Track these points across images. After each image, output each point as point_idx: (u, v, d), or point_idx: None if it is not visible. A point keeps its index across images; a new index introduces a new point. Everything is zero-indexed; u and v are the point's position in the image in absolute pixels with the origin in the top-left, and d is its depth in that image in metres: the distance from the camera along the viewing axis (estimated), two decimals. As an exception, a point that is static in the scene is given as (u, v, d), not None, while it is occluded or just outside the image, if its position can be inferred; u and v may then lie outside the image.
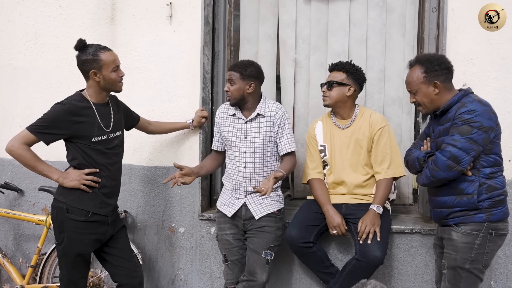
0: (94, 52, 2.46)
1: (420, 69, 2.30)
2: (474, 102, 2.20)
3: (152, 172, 3.26)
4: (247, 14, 3.35)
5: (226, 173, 2.86)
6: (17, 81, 3.51)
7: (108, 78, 2.48)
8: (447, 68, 2.30)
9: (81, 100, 2.48)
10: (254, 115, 2.73)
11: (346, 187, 2.81)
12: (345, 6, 3.18)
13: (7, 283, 3.57)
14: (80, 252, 2.50)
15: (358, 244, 2.59)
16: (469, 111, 2.16)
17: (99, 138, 2.47)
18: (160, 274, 3.29)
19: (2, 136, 3.55)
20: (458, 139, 2.15)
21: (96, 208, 2.50)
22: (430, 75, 2.28)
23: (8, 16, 3.51)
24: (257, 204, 2.72)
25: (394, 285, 2.92)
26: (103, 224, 2.54)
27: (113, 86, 2.53)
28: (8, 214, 3.28)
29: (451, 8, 2.83)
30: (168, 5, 3.17)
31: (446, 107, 2.27)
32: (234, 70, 2.70)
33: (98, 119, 2.49)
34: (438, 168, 2.20)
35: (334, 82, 2.76)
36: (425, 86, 2.30)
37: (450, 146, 2.17)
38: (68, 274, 2.52)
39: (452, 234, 2.29)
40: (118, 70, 2.52)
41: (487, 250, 2.25)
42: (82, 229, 2.46)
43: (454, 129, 2.19)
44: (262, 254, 2.67)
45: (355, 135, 2.78)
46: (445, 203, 2.30)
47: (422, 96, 2.32)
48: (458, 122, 2.18)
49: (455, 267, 2.28)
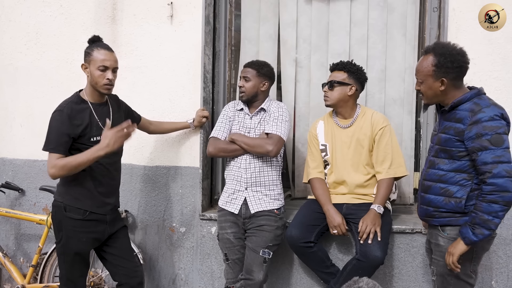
0: (93, 47, 2.48)
1: (433, 60, 2.17)
2: (491, 107, 2.10)
3: (153, 171, 3.27)
4: (248, 14, 3.35)
5: (228, 167, 2.87)
6: (18, 81, 3.51)
7: (93, 75, 2.45)
8: (460, 67, 2.16)
9: (78, 102, 2.48)
10: (258, 109, 2.82)
11: (347, 186, 2.80)
12: (346, 6, 3.18)
13: (8, 283, 3.57)
14: (78, 251, 2.50)
15: (359, 244, 2.59)
16: (491, 118, 2.06)
17: (97, 138, 2.46)
18: (161, 273, 3.29)
19: (3, 136, 3.57)
20: (499, 153, 2.03)
21: (93, 207, 2.49)
22: (440, 70, 2.15)
23: (9, 16, 3.51)
24: (256, 199, 2.75)
25: (395, 285, 2.92)
26: (101, 223, 2.54)
27: (97, 85, 2.47)
28: (9, 214, 3.29)
29: (452, 8, 2.83)
30: (169, 5, 3.17)
31: (456, 103, 2.17)
32: (251, 67, 2.81)
33: (96, 118, 2.48)
34: (507, 191, 2.02)
35: (336, 82, 2.76)
36: (432, 79, 2.18)
37: (499, 165, 2.02)
38: (67, 272, 2.52)
39: (439, 239, 2.25)
40: (106, 71, 2.45)
41: (474, 255, 2.19)
42: (79, 228, 2.47)
43: (484, 142, 2.05)
44: (260, 253, 2.67)
45: (356, 134, 2.78)
46: (432, 202, 2.25)
47: (427, 88, 2.22)
48: (485, 133, 2.05)
49: (443, 274, 2.24)
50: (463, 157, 2.15)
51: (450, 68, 2.15)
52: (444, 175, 2.21)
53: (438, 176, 2.23)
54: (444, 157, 2.21)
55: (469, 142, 2.09)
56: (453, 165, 2.18)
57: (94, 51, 2.46)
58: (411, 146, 3.17)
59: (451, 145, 2.17)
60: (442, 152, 2.21)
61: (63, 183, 2.52)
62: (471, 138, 2.08)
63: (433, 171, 2.25)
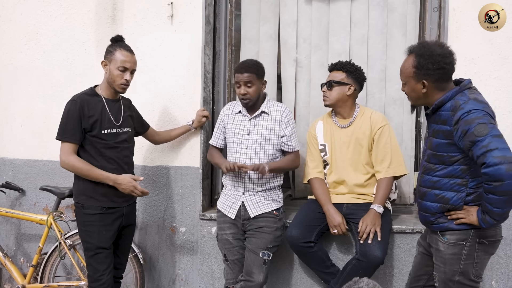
0: (115, 46, 2.59)
1: (413, 62, 2.10)
2: (469, 102, 2.00)
3: (153, 171, 3.27)
4: (248, 14, 3.35)
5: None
6: (18, 81, 3.51)
7: (111, 73, 2.57)
8: (441, 68, 2.06)
9: (92, 94, 2.58)
10: (259, 112, 2.78)
11: (346, 186, 2.81)
12: (346, 5, 3.18)
13: (8, 283, 3.57)
14: (101, 245, 2.56)
15: (359, 244, 2.59)
16: (468, 111, 1.96)
17: (108, 130, 2.55)
18: (161, 273, 3.29)
19: (3, 136, 3.57)
20: (486, 142, 1.90)
21: (108, 202, 2.57)
22: (420, 72, 2.08)
23: (9, 16, 3.51)
24: (254, 203, 2.74)
25: (395, 285, 2.92)
26: (118, 216, 2.62)
27: (113, 83, 2.58)
28: (9, 214, 3.29)
29: (452, 8, 2.83)
30: (169, 5, 3.17)
31: (438, 104, 2.09)
32: (250, 72, 2.70)
33: (108, 112, 2.57)
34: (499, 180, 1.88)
35: (334, 82, 2.76)
36: (413, 81, 2.12)
37: (487, 154, 1.88)
38: (93, 267, 2.58)
39: (439, 245, 2.18)
40: (125, 72, 2.57)
41: (477, 260, 2.11)
42: (98, 222, 2.55)
43: (470, 136, 1.94)
44: (259, 254, 2.67)
45: (355, 134, 2.78)
46: (429, 209, 2.20)
47: (410, 89, 2.16)
48: (468, 128, 1.95)
49: (445, 280, 2.17)
50: (455, 162, 2.09)
51: (431, 69, 2.06)
52: (437, 182, 2.15)
53: (432, 183, 2.18)
54: (435, 163, 2.15)
55: (460, 142, 2.01)
56: (445, 171, 2.12)
57: (116, 51, 2.57)
58: (411, 146, 3.17)
59: (442, 150, 2.10)
60: (434, 157, 2.15)
61: (77, 185, 2.60)
62: (460, 138, 2.00)
63: (427, 177, 2.20)
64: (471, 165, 2.07)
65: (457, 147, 2.05)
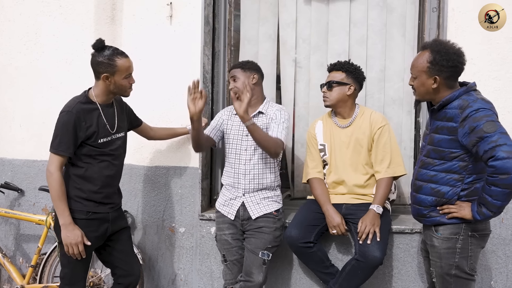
0: (111, 56, 2.44)
1: (428, 57, 2.17)
2: (478, 101, 2.09)
3: (153, 172, 3.27)
4: (248, 14, 3.35)
5: (225, 172, 2.86)
6: (18, 81, 3.51)
7: (119, 84, 2.48)
8: (454, 66, 2.15)
9: (87, 102, 2.48)
10: (255, 112, 2.78)
11: (346, 186, 2.80)
12: (345, 6, 3.18)
13: (7, 283, 3.57)
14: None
15: (358, 244, 2.59)
16: (477, 109, 2.05)
17: (104, 139, 2.48)
18: (160, 274, 3.29)
19: (2, 136, 3.56)
20: (495, 138, 1.99)
21: (94, 207, 2.50)
22: (434, 68, 2.15)
23: (8, 16, 3.51)
24: (254, 203, 2.73)
25: (394, 285, 2.92)
26: (104, 222, 2.54)
27: (121, 92, 2.53)
28: (8, 214, 3.28)
29: (451, 8, 2.83)
30: (169, 5, 3.17)
31: (445, 102, 2.17)
32: (234, 68, 2.81)
33: (104, 120, 2.50)
34: (506, 173, 1.96)
35: (334, 82, 2.76)
36: (425, 76, 2.19)
37: (496, 148, 1.97)
38: (70, 272, 2.52)
39: (434, 240, 2.26)
40: (130, 77, 2.53)
41: (470, 253, 2.21)
42: (83, 228, 2.45)
43: (479, 133, 2.01)
44: (259, 255, 2.67)
45: (355, 134, 2.78)
46: (423, 202, 2.27)
47: (420, 84, 2.22)
48: (476, 125, 2.03)
49: (442, 275, 2.25)
50: (454, 158, 2.16)
51: (445, 66, 2.14)
52: (435, 176, 2.23)
53: (429, 177, 2.25)
54: (435, 158, 2.22)
55: (465, 139, 2.08)
56: (444, 166, 2.19)
57: (116, 61, 2.44)
58: (411, 146, 3.17)
59: (444, 145, 2.17)
60: (434, 152, 2.22)
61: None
62: (466, 134, 2.07)
63: (425, 171, 2.27)
64: (469, 162, 2.15)
65: (459, 144, 2.13)
